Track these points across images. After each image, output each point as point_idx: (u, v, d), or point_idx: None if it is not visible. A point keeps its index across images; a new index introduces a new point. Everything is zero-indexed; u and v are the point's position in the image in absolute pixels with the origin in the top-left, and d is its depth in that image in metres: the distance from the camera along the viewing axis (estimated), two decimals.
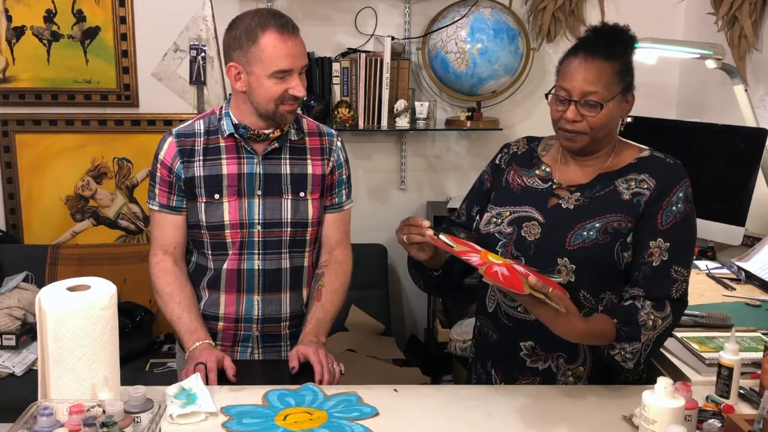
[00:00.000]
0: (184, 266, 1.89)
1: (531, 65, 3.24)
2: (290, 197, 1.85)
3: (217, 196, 1.81)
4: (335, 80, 3.16)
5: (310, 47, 3.22)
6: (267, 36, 1.69)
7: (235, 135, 1.81)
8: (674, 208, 1.59)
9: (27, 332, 2.84)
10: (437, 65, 3.17)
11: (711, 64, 2.49)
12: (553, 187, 1.69)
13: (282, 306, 1.89)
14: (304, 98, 1.80)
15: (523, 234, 1.65)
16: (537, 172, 1.73)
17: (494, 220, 1.71)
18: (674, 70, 3.35)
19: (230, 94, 1.86)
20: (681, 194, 1.60)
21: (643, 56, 2.63)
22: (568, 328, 1.44)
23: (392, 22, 3.27)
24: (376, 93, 3.16)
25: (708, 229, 2.55)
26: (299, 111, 1.87)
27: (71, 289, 1.35)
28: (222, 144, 1.82)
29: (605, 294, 1.61)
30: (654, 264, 1.57)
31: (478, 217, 1.79)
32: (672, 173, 1.63)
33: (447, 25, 3.09)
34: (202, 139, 1.82)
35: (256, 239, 1.83)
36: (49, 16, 3.18)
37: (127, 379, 1.45)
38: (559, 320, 1.42)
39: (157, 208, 1.85)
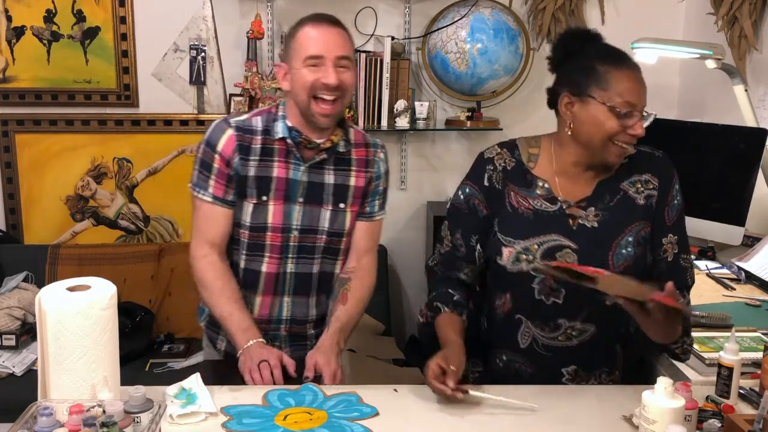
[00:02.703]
0: (227, 261, 1.85)
1: (531, 65, 3.24)
2: (330, 208, 1.84)
3: (264, 198, 1.79)
4: None
5: None
6: (303, 29, 1.74)
7: (287, 140, 1.78)
8: (675, 201, 1.64)
9: (27, 332, 2.84)
10: (437, 65, 3.17)
11: (711, 64, 2.49)
12: (564, 207, 1.63)
13: (309, 309, 1.90)
14: (343, 93, 1.73)
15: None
16: (538, 191, 1.65)
17: (523, 257, 1.61)
18: (674, 70, 3.35)
19: (282, 96, 1.88)
20: (677, 186, 1.65)
21: (643, 56, 2.63)
22: (657, 328, 1.47)
23: (392, 22, 3.27)
24: (376, 93, 3.16)
25: (708, 229, 2.55)
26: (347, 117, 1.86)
27: (71, 289, 1.35)
28: (276, 146, 1.79)
29: None
30: (669, 259, 1.63)
31: (479, 247, 1.69)
32: (667, 167, 1.67)
33: (447, 25, 3.09)
34: (260, 137, 1.78)
35: (292, 244, 1.83)
36: (49, 16, 3.18)
37: (127, 379, 1.45)
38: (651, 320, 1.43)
39: (210, 199, 1.79)
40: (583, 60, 1.59)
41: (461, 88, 3.18)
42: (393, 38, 3.16)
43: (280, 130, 1.78)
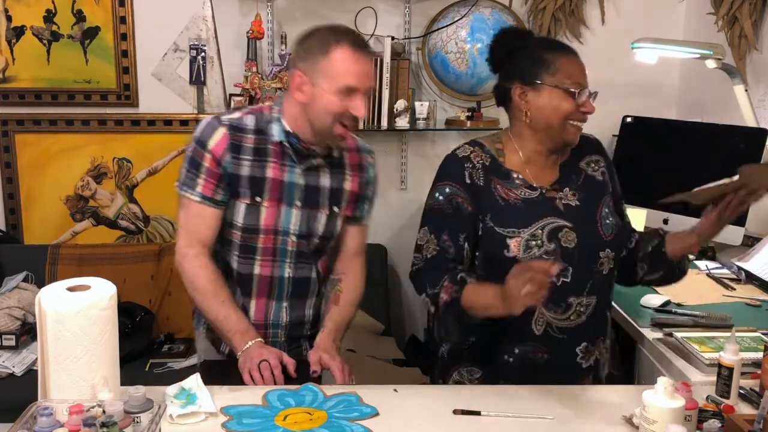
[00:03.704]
0: (216, 263, 1.83)
1: None
2: (326, 211, 1.83)
3: (258, 199, 1.76)
4: None
5: None
6: (340, 50, 1.66)
7: (285, 143, 1.76)
8: (615, 175, 1.82)
9: (27, 332, 2.84)
10: (437, 65, 3.17)
11: (711, 64, 2.49)
12: (543, 192, 1.71)
13: (306, 310, 1.89)
14: (361, 120, 1.74)
15: (563, 244, 1.65)
16: (517, 182, 1.71)
17: (532, 242, 1.65)
18: (674, 70, 3.34)
19: (281, 96, 1.81)
20: (610, 158, 1.84)
21: (643, 56, 2.63)
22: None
23: (392, 22, 3.27)
24: (376, 93, 3.15)
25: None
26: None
27: (71, 289, 1.35)
28: (270, 146, 1.76)
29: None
30: (627, 221, 1.87)
31: (467, 246, 1.70)
32: (601, 146, 1.84)
33: (447, 25, 3.09)
34: (252, 137, 1.75)
35: (290, 248, 1.81)
36: (49, 16, 3.18)
37: (127, 379, 1.45)
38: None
39: (198, 199, 1.75)
40: (528, 53, 1.70)
41: (461, 88, 3.18)
42: (393, 38, 3.16)
43: (276, 133, 1.76)
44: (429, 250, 1.71)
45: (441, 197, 1.72)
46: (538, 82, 1.65)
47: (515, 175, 1.71)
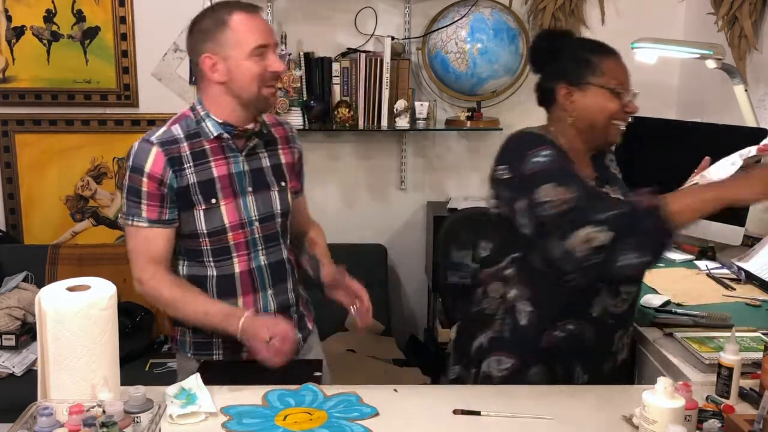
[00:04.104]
0: (174, 272, 1.83)
1: None
2: (276, 189, 1.86)
3: (213, 201, 1.76)
4: (335, 80, 3.16)
5: (310, 47, 3.22)
6: (236, 17, 1.70)
7: (223, 135, 1.76)
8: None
9: (27, 332, 2.84)
10: (437, 65, 3.17)
11: (711, 64, 2.49)
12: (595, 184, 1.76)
13: (288, 294, 1.90)
14: (283, 74, 1.79)
15: None
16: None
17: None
18: (674, 70, 3.35)
19: (198, 97, 1.79)
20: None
21: (643, 56, 2.63)
22: None
23: (392, 22, 3.27)
24: (376, 93, 3.15)
25: (708, 229, 2.55)
26: None
27: (71, 289, 1.35)
28: (207, 146, 1.76)
29: None
30: None
31: None
32: None
33: (447, 25, 3.09)
34: (185, 144, 1.75)
35: (257, 236, 1.82)
36: (49, 16, 3.18)
37: (127, 379, 1.45)
38: None
39: (146, 225, 1.73)
40: (572, 54, 1.74)
41: (461, 88, 3.18)
42: (393, 38, 3.16)
43: (212, 129, 1.76)
44: (571, 202, 1.56)
45: (545, 158, 1.63)
46: (585, 83, 1.70)
47: None
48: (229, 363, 1.84)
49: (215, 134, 1.75)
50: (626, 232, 1.50)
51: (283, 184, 1.87)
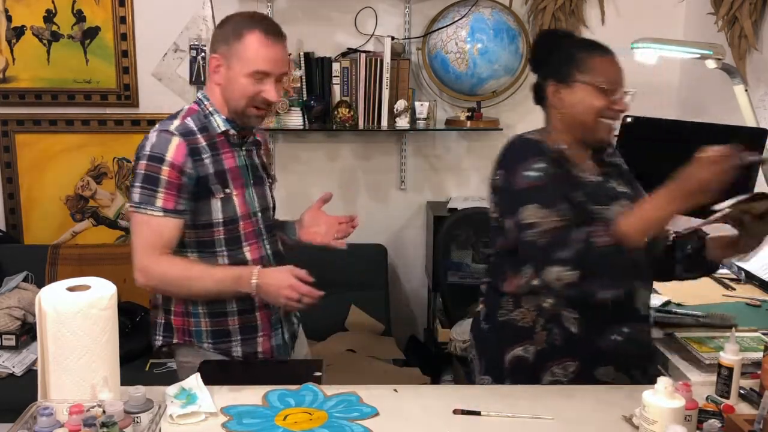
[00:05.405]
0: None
1: None
2: (267, 184, 1.95)
3: (228, 191, 1.81)
4: (335, 80, 3.16)
5: (310, 47, 3.22)
6: (252, 35, 1.75)
7: (230, 131, 1.82)
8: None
9: (27, 332, 2.84)
10: (437, 65, 3.17)
11: (711, 64, 2.48)
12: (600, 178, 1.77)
13: None
14: (277, 104, 1.83)
15: None
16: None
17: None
18: (674, 70, 3.35)
19: (204, 93, 1.85)
20: None
21: (643, 56, 2.62)
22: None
23: (392, 22, 3.27)
24: (376, 93, 3.15)
25: (708, 229, 2.54)
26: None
27: (71, 289, 1.35)
28: (217, 139, 1.83)
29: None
30: None
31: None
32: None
33: (447, 25, 3.09)
34: (201, 135, 1.80)
35: (261, 226, 1.89)
36: (49, 16, 3.18)
37: (127, 379, 1.45)
38: None
39: (160, 214, 1.73)
40: (563, 52, 1.75)
41: (461, 88, 3.18)
42: (393, 38, 3.16)
43: (221, 124, 1.82)
44: (549, 223, 1.60)
45: (536, 173, 1.65)
46: (572, 80, 1.71)
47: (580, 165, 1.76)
48: (229, 363, 1.84)
49: (223, 129, 1.82)
50: (592, 269, 1.58)
51: (269, 180, 1.97)
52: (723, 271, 2.40)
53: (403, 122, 3.16)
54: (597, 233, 1.56)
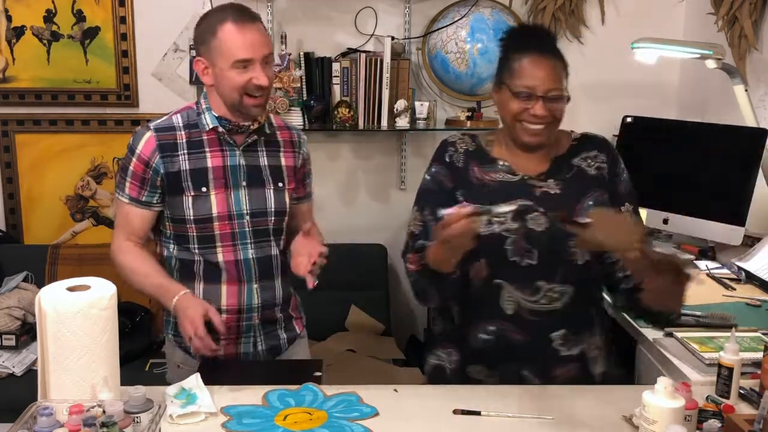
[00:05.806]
0: (148, 251, 1.89)
1: None
2: (272, 188, 1.90)
3: (204, 189, 1.82)
4: (335, 80, 3.16)
5: (310, 47, 3.22)
6: (224, 28, 1.75)
7: (219, 128, 1.82)
8: (624, 175, 1.79)
9: (27, 332, 2.84)
10: (437, 65, 3.17)
11: (711, 64, 2.49)
12: (525, 178, 1.74)
13: (276, 291, 1.93)
14: (270, 88, 1.82)
15: (530, 226, 1.66)
16: (499, 167, 1.76)
17: (495, 219, 1.66)
18: (674, 70, 3.34)
19: (204, 93, 1.89)
20: (622, 164, 1.80)
21: (643, 56, 2.63)
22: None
23: (392, 22, 3.27)
24: (376, 93, 3.15)
25: (708, 229, 2.55)
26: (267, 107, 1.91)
27: (71, 289, 1.35)
28: (204, 137, 1.83)
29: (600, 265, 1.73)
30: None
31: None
32: (609, 144, 1.83)
33: (447, 25, 3.09)
34: (183, 132, 1.82)
35: (247, 229, 1.86)
36: (49, 16, 3.18)
37: (127, 379, 1.45)
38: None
39: (126, 200, 1.84)
40: (503, 53, 1.76)
41: (461, 88, 3.18)
42: (393, 38, 3.16)
43: (209, 121, 1.83)
44: (414, 226, 1.77)
45: (429, 178, 1.80)
46: (500, 82, 1.74)
47: (501, 163, 1.77)
48: (229, 363, 1.84)
49: (211, 126, 1.83)
50: (414, 286, 1.71)
51: (280, 184, 1.91)
52: (723, 271, 2.40)
53: (403, 122, 3.16)
54: (410, 260, 1.68)
